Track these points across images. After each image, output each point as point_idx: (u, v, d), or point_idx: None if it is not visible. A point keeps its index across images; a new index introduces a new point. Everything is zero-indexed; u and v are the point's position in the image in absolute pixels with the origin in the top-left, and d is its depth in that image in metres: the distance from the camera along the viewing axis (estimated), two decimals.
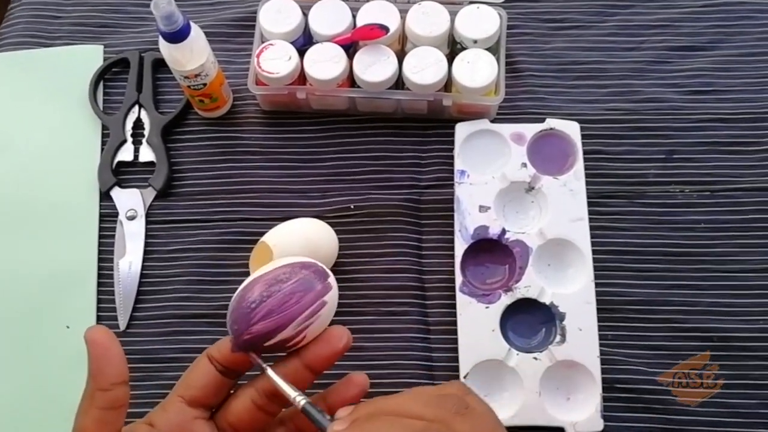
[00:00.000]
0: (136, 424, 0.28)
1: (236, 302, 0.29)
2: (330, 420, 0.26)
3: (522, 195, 0.51)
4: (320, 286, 0.29)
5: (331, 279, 0.29)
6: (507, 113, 0.54)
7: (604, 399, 0.45)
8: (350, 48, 0.52)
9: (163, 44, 0.47)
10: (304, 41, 0.53)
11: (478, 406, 0.26)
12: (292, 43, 0.52)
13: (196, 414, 0.29)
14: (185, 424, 0.28)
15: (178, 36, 0.45)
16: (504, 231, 0.49)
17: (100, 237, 0.52)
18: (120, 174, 0.54)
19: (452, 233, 0.50)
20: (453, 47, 0.53)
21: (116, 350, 0.26)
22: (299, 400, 0.27)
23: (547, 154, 0.52)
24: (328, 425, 0.26)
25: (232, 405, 0.29)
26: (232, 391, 0.30)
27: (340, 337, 0.28)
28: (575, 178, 0.50)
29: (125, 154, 0.54)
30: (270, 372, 0.28)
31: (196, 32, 0.47)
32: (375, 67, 0.50)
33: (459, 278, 0.48)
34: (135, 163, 0.54)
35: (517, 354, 0.46)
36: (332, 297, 0.29)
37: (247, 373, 0.30)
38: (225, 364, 0.29)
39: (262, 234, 0.48)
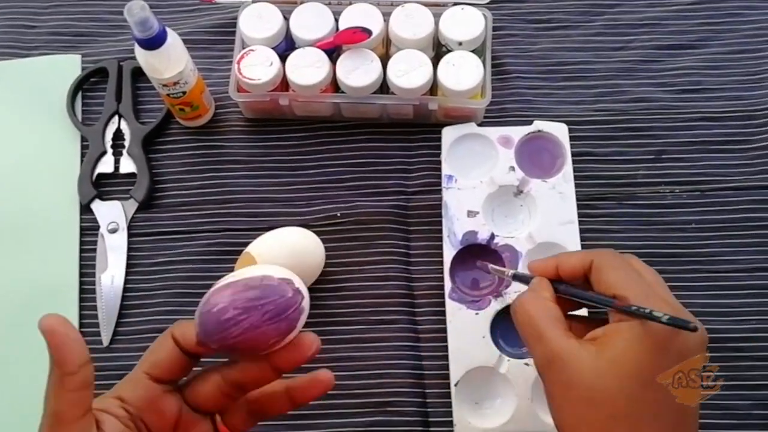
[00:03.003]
0: (105, 398, 0.30)
1: (213, 310, 0.28)
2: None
3: (510, 199, 0.51)
4: (295, 306, 0.28)
5: (304, 291, 0.29)
6: (494, 116, 0.53)
7: None
8: (333, 52, 0.51)
9: (139, 51, 0.46)
10: (285, 46, 0.52)
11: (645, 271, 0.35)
12: (273, 48, 0.51)
13: (164, 388, 0.30)
14: (155, 399, 0.30)
15: (153, 42, 0.44)
16: (493, 236, 0.49)
17: (81, 251, 0.51)
18: (100, 186, 0.53)
19: (440, 239, 0.49)
20: (438, 50, 0.52)
21: (74, 335, 0.26)
22: (509, 273, 0.41)
23: (535, 157, 0.51)
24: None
25: (198, 386, 0.31)
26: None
27: (310, 345, 0.30)
28: (564, 181, 0.50)
29: (105, 165, 0.53)
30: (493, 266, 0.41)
31: (173, 39, 0.46)
32: (359, 71, 0.49)
33: (448, 284, 0.48)
34: (116, 174, 0.53)
35: (508, 360, 0.46)
36: (306, 309, 0.29)
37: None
38: (189, 350, 0.30)
39: (247, 245, 0.47)
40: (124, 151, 0.53)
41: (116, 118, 0.54)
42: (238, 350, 0.29)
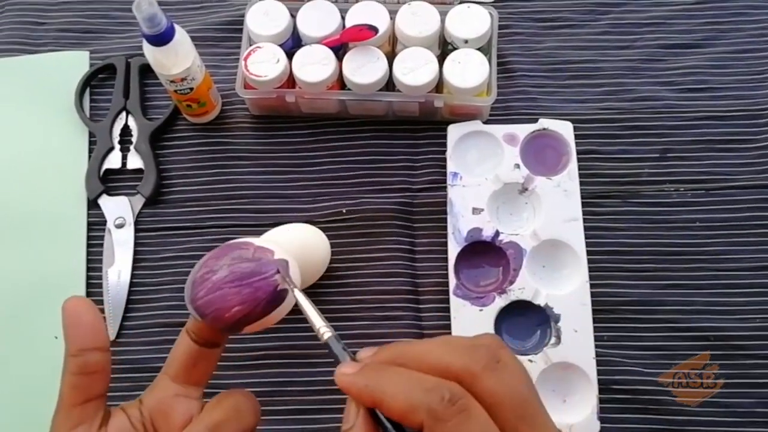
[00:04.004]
0: (130, 402, 0.29)
1: (193, 273, 0.29)
2: (352, 357, 0.26)
3: (515, 196, 0.51)
4: (265, 275, 0.28)
5: (290, 270, 0.29)
6: (499, 114, 0.53)
7: (601, 400, 0.45)
8: (339, 50, 0.51)
9: (147, 48, 0.46)
10: (292, 44, 0.52)
11: (510, 361, 0.24)
12: (280, 45, 0.51)
13: (178, 390, 0.29)
14: (165, 399, 0.29)
15: (161, 39, 0.45)
16: (498, 233, 0.49)
17: (89, 246, 0.51)
18: (108, 182, 0.53)
19: (445, 236, 0.49)
20: (444, 48, 0.53)
21: (88, 317, 0.26)
22: (323, 332, 0.26)
23: (540, 155, 0.51)
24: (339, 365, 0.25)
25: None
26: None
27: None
28: (569, 179, 0.50)
29: (113, 161, 0.53)
30: (299, 295, 0.28)
31: (181, 35, 0.46)
32: (365, 68, 0.50)
33: (453, 281, 0.48)
34: (123, 170, 0.53)
35: None
36: (284, 291, 0.29)
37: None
38: (199, 335, 0.29)
39: None
40: (132, 147, 0.54)
41: (124, 114, 0.55)
42: (206, 316, 0.28)
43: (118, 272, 0.50)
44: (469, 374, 0.23)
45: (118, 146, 0.54)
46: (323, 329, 0.26)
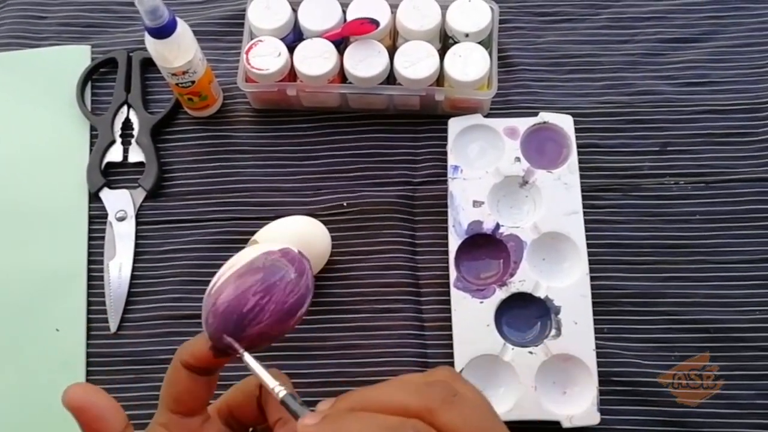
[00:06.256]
0: None
1: (229, 307, 0.26)
2: (311, 411, 0.25)
3: (516, 189, 0.51)
4: (306, 271, 0.27)
5: (305, 254, 0.28)
6: (500, 108, 0.53)
7: (601, 392, 0.45)
8: (341, 43, 0.51)
9: (149, 40, 0.46)
10: (293, 37, 0.52)
11: (468, 393, 0.24)
12: (281, 39, 0.51)
13: (201, 419, 0.27)
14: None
15: (163, 31, 0.45)
16: (498, 226, 0.49)
17: (90, 239, 0.51)
18: (109, 175, 0.53)
19: (446, 229, 0.49)
20: (445, 41, 0.53)
21: (104, 403, 0.24)
22: (278, 390, 0.26)
23: (540, 148, 0.51)
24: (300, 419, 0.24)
25: (234, 400, 0.29)
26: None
27: None
28: (569, 172, 0.50)
29: (114, 154, 0.53)
30: (249, 359, 0.26)
31: (183, 28, 0.46)
32: (366, 62, 0.50)
33: (453, 273, 0.48)
34: (124, 163, 0.54)
35: (513, 348, 0.46)
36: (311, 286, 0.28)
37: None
38: (207, 367, 0.27)
39: (253, 233, 0.47)
40: (133, 141, 0.54)
41: (125, 107, 0.55)
42: (267, 336, 0.26)
43: (120, 265, 0.50)
44: (428, 411, 0.23)
45: (119, 140, 0.54)
46: (278, 388, 0.25)
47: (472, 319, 0.47)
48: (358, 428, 0.23)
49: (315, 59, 0.50)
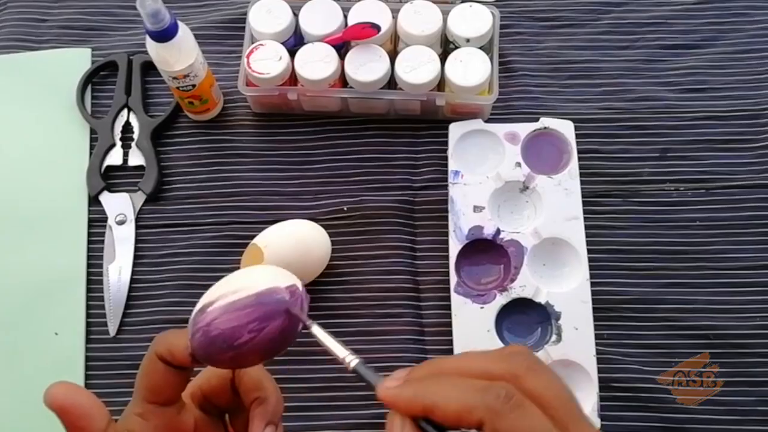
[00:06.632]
0: None
1: (221, 336, 0.26)
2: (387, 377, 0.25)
3: (516, 194, 0.51)
4: (295, 333, 0.27)
5: (299, 284, 0.28)
6: (501, 113, 0.53)
7: (601, 398, 0.45)
8: (342, 48, 0.51)
9: (150, 44, 0.46)
10: (294, 41, 0.52)
11: (547, 367, 0.25)
12: (282, 43, 0.51)
13: (176, 409, 0.28)
14: (173, 426, 0.28)
15: (165, 35, 0.45)
16: (498, 231, 0.49)
17: (89, 242, 0.51)
18: (109, 178, 0.53)
19: (446, 234, 0.49)
20: (446, 46, 0.53)
21: (86, 402, 0.24)
22: (350, 360, 0.26)
23: (541, 154, 0.51)
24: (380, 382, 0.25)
25: (209, 383, 0.29)
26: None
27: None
28: (570, 177, 0.50)
29: (114, 158, 0.53)
30: (317, 331, 0.26)
31: (184, 31, 0.46)
32: (367, 66, 0.50)
33: (453, 279, 0.48)
34: (124, 167, 0.53)
35: None
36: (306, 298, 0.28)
37: None
38: (183, 365, 0.27)
39: (253, 237, 0.47)
40: (133, 144, 0.54)
41: (125, 111, 0.55)
42: (237, 364, 0.27)
43: (119, 269, 0.50)
44: (513, 376, 0.23)
45: (119, 143, 0.54)
46: (348, 357, 0.26)
47: (472, 325, 0.47)
48: (443, 389, 0.23)
49: (316, 63, 0.50)
